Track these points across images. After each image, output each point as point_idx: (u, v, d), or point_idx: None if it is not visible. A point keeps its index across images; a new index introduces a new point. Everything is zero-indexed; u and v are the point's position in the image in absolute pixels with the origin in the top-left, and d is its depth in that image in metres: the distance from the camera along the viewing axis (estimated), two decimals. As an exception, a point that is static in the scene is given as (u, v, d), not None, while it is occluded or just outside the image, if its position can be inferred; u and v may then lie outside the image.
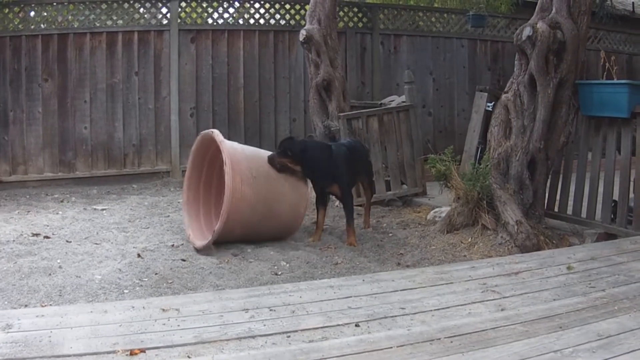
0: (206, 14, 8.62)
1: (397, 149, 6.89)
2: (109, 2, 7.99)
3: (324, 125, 7.01)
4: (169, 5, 8.26)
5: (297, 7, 8.81)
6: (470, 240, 4.97)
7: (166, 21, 8.28)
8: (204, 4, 8.53)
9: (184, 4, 8.45)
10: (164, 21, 8.29)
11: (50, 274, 4.06)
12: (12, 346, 2.50)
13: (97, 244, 4.94)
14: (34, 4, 7.78)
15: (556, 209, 5.47)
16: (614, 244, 4.49)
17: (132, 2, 8.13)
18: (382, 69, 9.20)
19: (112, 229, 5.47)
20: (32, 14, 7.84)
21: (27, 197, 7.11)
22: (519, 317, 2.95)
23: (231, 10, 8.78)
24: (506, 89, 5.33)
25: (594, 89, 5.22)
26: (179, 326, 2.78)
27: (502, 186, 5.04)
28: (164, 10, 8.29)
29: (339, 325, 2.83)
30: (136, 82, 8.16)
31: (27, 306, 3.50)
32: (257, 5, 8.78)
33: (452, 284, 3.51)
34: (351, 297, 3.24)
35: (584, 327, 2.81)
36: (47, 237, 5.13)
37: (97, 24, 7.98)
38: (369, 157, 6.34)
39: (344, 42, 8.85)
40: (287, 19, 8.88)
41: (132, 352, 2.47)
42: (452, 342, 2.64)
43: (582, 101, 5.23)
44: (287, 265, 4.46)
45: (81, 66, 7.92)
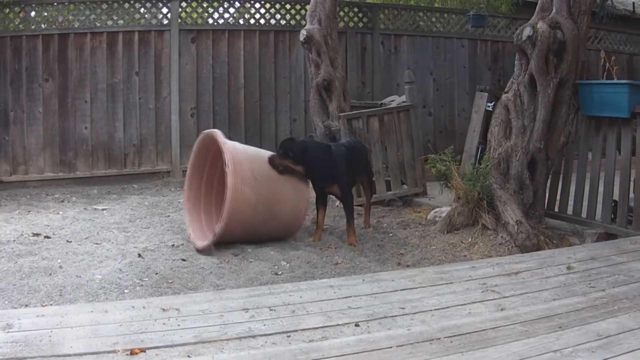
0: (207, 14, 8.63)
1: (397, 149, 6.89)
2: (110, 2, 8.00)
3: (324, 125, 7.01)
4: (170, 5, 8.26)
5: (298, 7, 8.81)
6: (470, 240, 4.97)
7: (167, 21, 8.28)
8: (205, 4, 8.54)
9: (184, 4, 8.46)
10: (164, 21, 8.29)
11: (50, 274, 4.06)
12: (13, 346, 2.51)
13: (97, 243, 4.95)
14: (34, 4, 7.79)
15: (556, 209, 5.47)
16: (614, 244, 4.49)
17: (132, 2, 8.13)
18: (382, 69, 9.20)
19: (112, 229, 5.47)
20: (33, 14, 7.86)
21: (28, 197, 7.12)
22: (518, 317, 2.95)
23: (231, 10, 8.79)
24: (506, 89, 5.33)
25: (594, 89, 5.23)
26: (179, 326, 2.78)
27: (502, 186, 5.04)
28: (165, 10, 8.30)
29: (339, 325, 2.83)
30: (137, 82, 8.16)
31: (27, 306, 3.50)
32: (257, 5, 8.78)
33: (452, 283, 3.51)
34: (351, 296, 3.24)
35: (584, 327, 2.81)
36: (48, 237, 5.14)
37: (98, 24, 7.99)
38: (369, 157, 6.33)
39: (345, 42, 8.86)
40: (288, 19, 8.89)
41: (133, 352, 2.48)
42: (451, 341, 2.65)
43: (582, 101, 5.23)
44: (288, 265, 4.47)
45: (82, 66, 7.92)
